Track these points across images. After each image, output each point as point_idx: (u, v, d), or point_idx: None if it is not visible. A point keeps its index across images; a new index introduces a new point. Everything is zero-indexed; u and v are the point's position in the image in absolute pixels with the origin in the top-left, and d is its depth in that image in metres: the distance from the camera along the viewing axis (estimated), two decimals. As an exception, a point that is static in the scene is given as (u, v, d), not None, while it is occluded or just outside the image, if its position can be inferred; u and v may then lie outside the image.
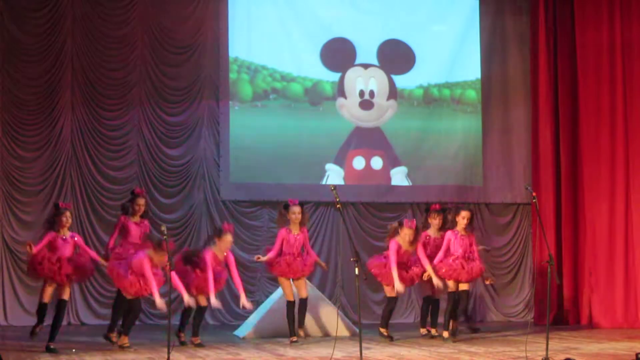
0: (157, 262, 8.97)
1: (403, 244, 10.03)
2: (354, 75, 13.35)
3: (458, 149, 13.55)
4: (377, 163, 13.31)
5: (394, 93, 13.44)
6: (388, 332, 10.20)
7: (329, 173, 13.07)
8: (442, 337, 10.11)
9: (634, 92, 11.92)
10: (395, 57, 13.46)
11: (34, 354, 8.83)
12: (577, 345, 9.59)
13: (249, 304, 9.73)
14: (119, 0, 12.59)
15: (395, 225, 10.19)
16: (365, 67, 13.37)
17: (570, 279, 12.53)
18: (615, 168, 11.97)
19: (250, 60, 13.02)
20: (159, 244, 8.91)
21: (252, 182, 12.88)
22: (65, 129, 12.38)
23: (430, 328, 10.53)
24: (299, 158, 12.97)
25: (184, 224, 12.63)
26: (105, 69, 12.53)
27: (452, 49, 13.60)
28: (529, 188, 8.87)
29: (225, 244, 9.66)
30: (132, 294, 9.14)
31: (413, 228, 10.02)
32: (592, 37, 12.20)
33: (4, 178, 12.16)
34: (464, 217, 10.15)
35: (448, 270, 10.03)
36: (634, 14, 11.95)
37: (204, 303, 9.69)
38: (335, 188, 8.00)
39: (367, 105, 13.32)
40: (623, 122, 11.98)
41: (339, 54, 13.28)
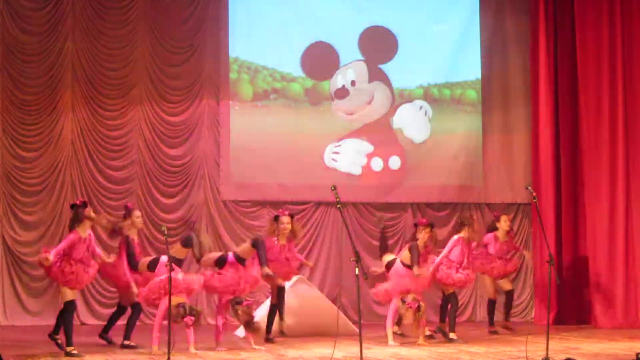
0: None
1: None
2: (337, 75, 13.30)
3: (458, 149, 13.55)
4: (377, 164, 13.33)
5: (380, 74, 13.34)
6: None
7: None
8: (447, 337, 10.10)
9: (634, 92, 11.92)
10: (378, 44, 13.40)
11: (34, 354, 8.83)
12: (577, 345, 9.59)
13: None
14: (119, 0, 12.60)
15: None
16: (347, 65, 13.32)
17: (570, 279, 12.53)
18: (615, 168, 11.97)
19: (251, 60, 13.02)
20: (186, 242, 9.13)
21: (252, 182, 12.88)
22: (66, 129, 12.39)
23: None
24: (299, 158, 12.98)
25: (184, 224, 12.61)
26: (106, 69, 12.54)
27: (452, 49, 13.61)
28: (530, 188, 8.87)
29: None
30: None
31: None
32: (592, 37, 12.20)
33: (4, 178, 12.17)
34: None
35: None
36: (634, 14, 11.94)
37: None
38: (335, 188, 8.00)
39: (341, 94, 13.24)
40: (623, 122, 11.99)
41: (321, 61, 13.21)
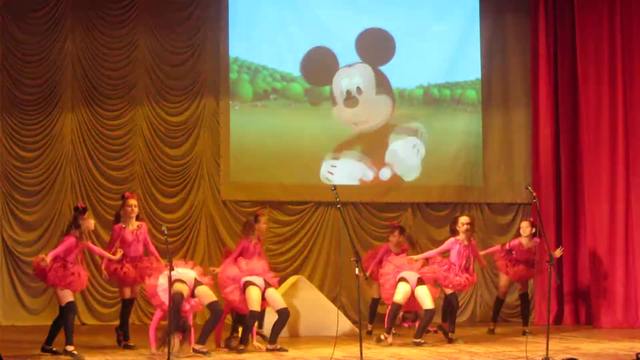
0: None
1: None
2: (340, 78, 13.29)
3: (458, 149, 13.55)
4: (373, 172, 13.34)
5: (386, 88, 13.37)
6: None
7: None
8: (447, 336, 10.11)
9: (634, 92, 11.92)
10: (375, 46, 13.40)
11: (34, 354, 8.83)
12: (577, 345, 9.59)
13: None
14: (119, 1, 12.60)
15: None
16: (350, 65, 13.34)
17: (570, 279, 12.53)
18: (616, 168, 11.97)
19: (251, 60, 13.02)
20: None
21: (252, 182, 12.88)
22: (65, 129, 12.39)
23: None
24: (299, 158, 12.97)
25: (184, 224, 12.63)
26: (105, 69, 12.54)
27: (452, 49, 13.60)
28: (530, 188, 8.86)
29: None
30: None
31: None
32: (592, 37, 12.20)
33: (4, 178, 12.17)
34: (464, 223, 10.18)
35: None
36: (634, 14, 11.94)
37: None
38: (335, 188, 8.00)
39: (351, 103, 13.27)
40: (623, 122, 11.98)
41: (321, 66, 13.20)
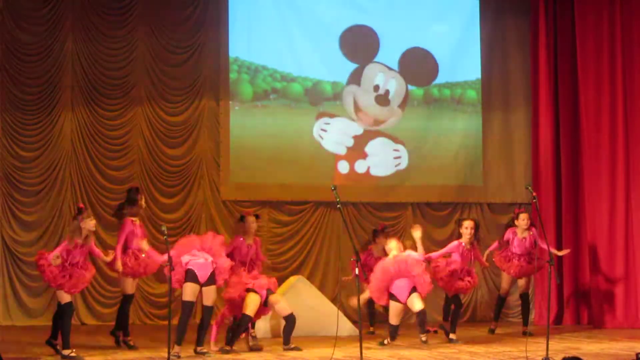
0: None
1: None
2: (376, 69, 13.31)
3: (458, 149, 13.54)
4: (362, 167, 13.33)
5: (405, 102, 13.43)
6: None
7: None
8: (447, 335, 10.12)
9: (634, 92, 11.92)
10: (417, 67, 13.43)
11: (34, 354, 8.83)
12: (577, 345, 9.59)
13: None
14: (119, 0, 12.60)
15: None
16: (389, 68, 13.36)
17: (571, 279, 12.53)
18: (616, 168, 11.97)
19: (251, 61, 13.01)
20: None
21: (252, 182, 12.88)
22: (65, 129, 12.39)
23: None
24: (299, 158, 12.97)
25: (184, 224, 12.62)
26: (105, 69, 12.53)
27: (452, 49, 13.60)
28: (530, 188, 8.86)
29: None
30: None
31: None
32: (592, 37, 12.20)
33: (4, 178, 12.17)
34: (467, 227, 10.10)
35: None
36: (634, 14, 11.94)
37: None
38: (336, 188, 8.01)
39: (383, 101, 13.27)
40: (623, 122, 11.98)
41: (362, 44, 13.26)
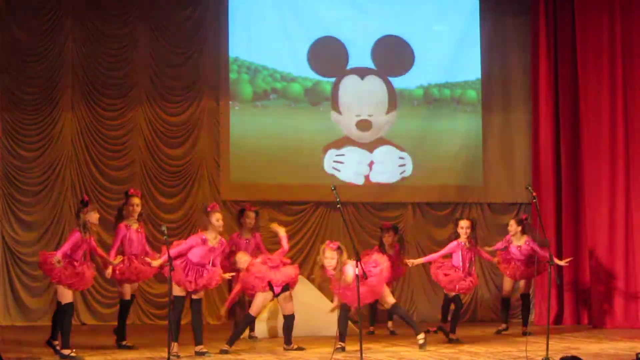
0: None
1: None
2: (350, 88, 13.25)
3: (458, 149, 13.54)
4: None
5: (394, 103, 13.36)
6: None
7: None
8: (447, 336, 10.11)
9: (634, 92, 11.91)
10: (392, 56, 13.41)
11: (34, 354, 8.83)
12: (577, 345, 9.59)
13: None
14: (119, 0, 12.60)
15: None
16: (362, 75, 13.30)
17: (571, 279, 12.53)
18: (616, 168, 11.97)
19: (251, 61, 13.01)
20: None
21: (252, 182, 12.88)
22: (66, 129, 12.39)
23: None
24: (299, 158, 12.97)
25: (184, 224, 12.62)
26: (106, 69, 12.54)
27: (452, 49, 13.60)
28: (530, 188, 8.86)
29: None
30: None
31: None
32: (592, 37, 12.20)
33: (4, 178, 12.17)
34: (463, 226, 9.96)
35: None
36: (634, 14, 11.94)
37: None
38: (335, 188, 8.01)
39: (364, 126, 13.22)
40: (623, 122, 11.98)
41: (330, 57, 13.21)
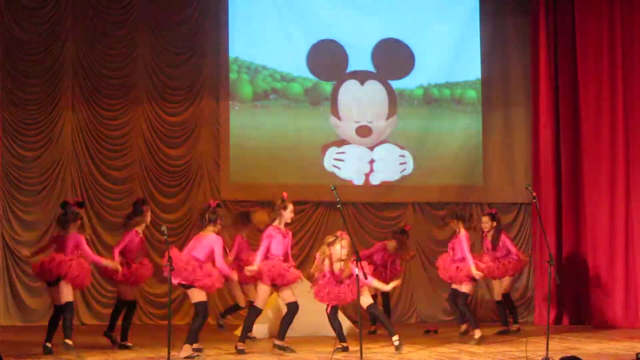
0: None
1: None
2: (349, 94, 13.24)
3: (458, 149, 13.55)
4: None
5: (394, 109, 13.35)
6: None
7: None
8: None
9: (634, 92, 11.91)
10: (392, 59, 13.40)
11: (34, 354, 8.83)
12: (577, 345, 9.59)
13: None
14: (119, 0, 12.60)
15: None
16: (362, 80, 13.28)
17: (571, 279, 12.52)
18: (616, 168, 11.97)
19: (251, 61, 13.01)
20: None
21: (252, 182, 12.88)
22: (66, 129, 12.40)
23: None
24: (299, 157, 12.97)
25: (184, 224, 12.62)
26: (106, 69, 12.54)
27: (452, 49, 13.60)
28: (530, 188, 8.85)
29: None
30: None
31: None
32: (592, 37, 12.20)
33: (5, 178, 12.17)
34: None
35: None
36: (634, 14, 11.93)
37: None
38: (336, 188, 8.01)
39: (364, 132, 13.23)
40: (623, 121, 11.98)
41: (329, 60, 13.20)
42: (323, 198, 12.78)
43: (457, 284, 10.03)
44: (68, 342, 8.81)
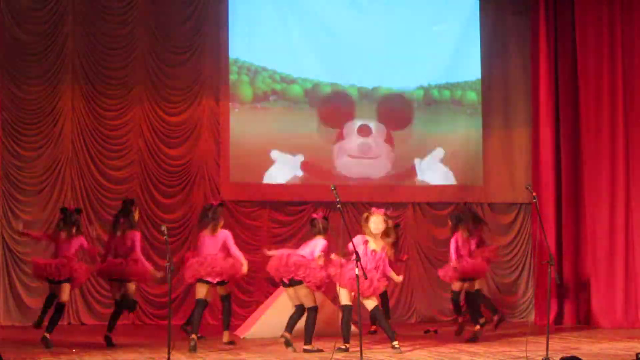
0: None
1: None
2: (353, 138, 13.26)
3: (458, 149, 13.55)
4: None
5: (394, 163, 13.40)
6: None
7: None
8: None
9: (634, 92, 11.93)
10: (394, 112, 13.41)
11: (34, 354, 8.83)
12: (577, 345, 9.59)
13: None
14: (119, 0, 12.60)
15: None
16: (366, 132, 13.28)
17: (571, 279, 12.53)
18: (616, 168, 11.98)
19: (250, 62, 13.00)
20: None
21: (252, 182, 12.87)
22: (66, 129, 12.39)
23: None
24: (299, 158, 12.98)
25: (184, 224, 12.63)
26: (106, 69, 12.54)
27: (452, 50, 13.60)
28: (530, 188, 8.85)
29: None
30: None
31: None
32: (592, 37, 12.20)
33: (4, 177, 12.17)
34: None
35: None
36: (634, 14, 11.95)
37: None
38: (335, 188, 8.02)
39: (365, 132, 13.28)
40: (623, 122, 11.99)
41: (337, 109, 13.22)
42: (323, 198, 12.76)
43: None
44: (47, 335, 9.26)
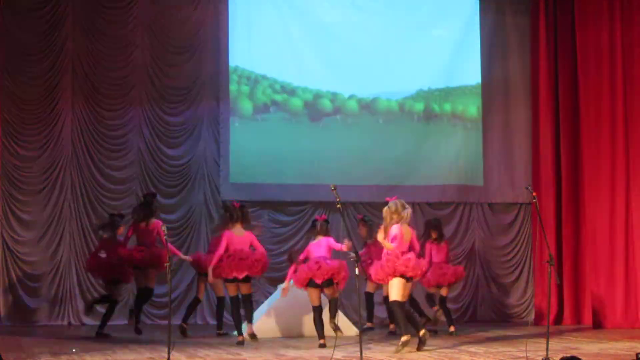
0: None
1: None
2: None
3: (458, 149, 13.55)
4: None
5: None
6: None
7: None
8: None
9: (634, 92, 11.92)
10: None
11: (34, 354, 8.83)
12: (577, 345, 9.59)
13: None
14: (119, 0, 12.60)
15: None
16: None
17: (571, 279, 12.53)
18: (616, 168, 11.97)
19: (250, 70, 12.96)
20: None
21: (252, 182, 12.87)
22: (66, 129, 12.39)
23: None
24: (300, 159, 12.99)
25: (184, 224, 12.62)
26: (106, 69, 12.54)
27: (452, 50, 13.59)
28: (529, 188, 8.85)
29: None
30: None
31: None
32: (592, 37, 12.20)
33: (4, 177, 12.17)
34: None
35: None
36: (634, 14, 11.94)
37: None
38: (336, 188, 8.01)
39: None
40: (623, 122, 11.98)
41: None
42: (323, 198, 12.76)
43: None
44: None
